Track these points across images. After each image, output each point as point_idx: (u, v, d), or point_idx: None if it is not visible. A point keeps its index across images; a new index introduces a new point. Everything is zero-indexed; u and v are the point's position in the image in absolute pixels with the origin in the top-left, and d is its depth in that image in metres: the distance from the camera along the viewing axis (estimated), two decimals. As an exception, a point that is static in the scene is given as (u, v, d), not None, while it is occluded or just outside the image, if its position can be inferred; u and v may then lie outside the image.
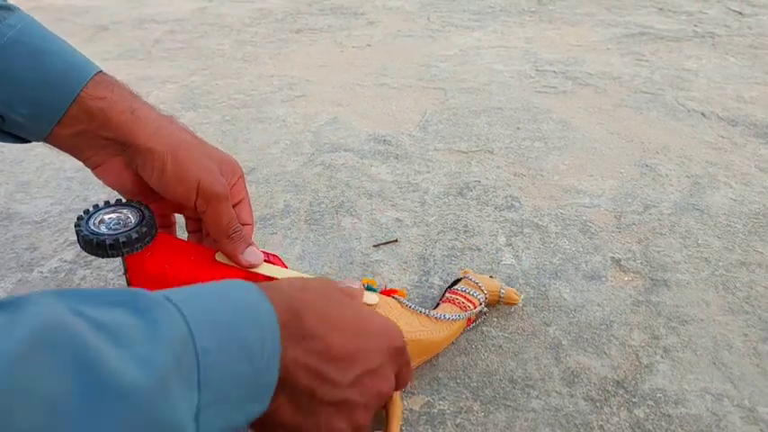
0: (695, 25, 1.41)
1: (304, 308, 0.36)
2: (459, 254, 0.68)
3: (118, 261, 0.68)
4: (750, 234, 0.71)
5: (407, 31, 1.43)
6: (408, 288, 0.63)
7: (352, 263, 0.67)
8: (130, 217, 0.49)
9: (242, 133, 0.96)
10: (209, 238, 0.53)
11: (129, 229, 0.47)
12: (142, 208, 0.50)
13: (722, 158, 0.86)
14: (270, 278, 0.51)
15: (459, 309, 0.55)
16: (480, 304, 0.56)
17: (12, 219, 0.75)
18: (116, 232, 0.47)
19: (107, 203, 0.51)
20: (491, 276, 0.59)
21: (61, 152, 0.50)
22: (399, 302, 0.54)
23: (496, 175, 0.83)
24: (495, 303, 0.59)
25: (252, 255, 0.51)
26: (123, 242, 0.46)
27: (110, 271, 0.66)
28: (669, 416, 0.49)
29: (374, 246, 0.69)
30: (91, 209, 0.50)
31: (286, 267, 0.53)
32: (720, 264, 0.66)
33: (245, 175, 0.83)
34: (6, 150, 0.90)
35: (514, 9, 1.57)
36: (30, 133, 0.47)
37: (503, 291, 0.58)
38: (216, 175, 0.49)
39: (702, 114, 0.99)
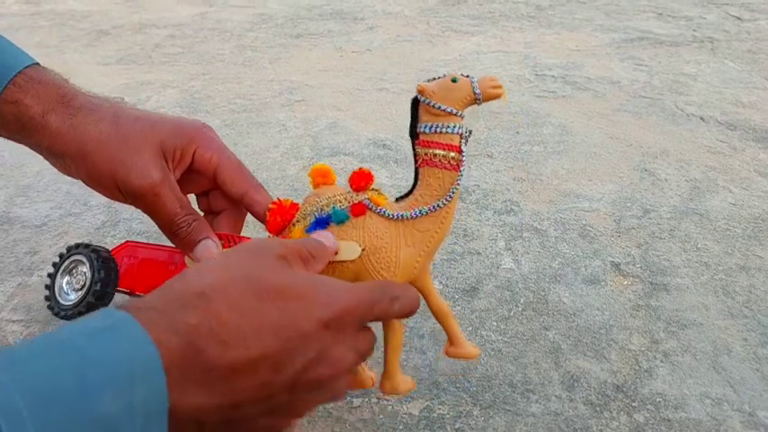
0: (694, 30, 1.41)
1: (203, 333, 0.29)
2: (458, 258, 0.68)
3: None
4: (749, 238, 0.71)
5: (407, 35, 1.44)
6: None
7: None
8: (85, 271, 0.49)
9: (242, 137, 0.96)
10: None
11: (91, 287, 0.47)
12: (90, 254, 0.49)
13: (721, 163, 0.86)
14: None
15: (441, 169, 0.42)
16: (463, 138, 0.42)
17: (12, 223, 0.75)
18: (83, 298, 0.47)
19: (55, 264, 0.51)
20: (453, 78, 0.42)
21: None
22: (382, 216, 0.43)
23: (496, 179, 0.83)
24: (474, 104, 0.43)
25: (203, 251, 0.45)
26: (96, 300, 0.46)
27: (109, 275, 0.66)
28: (669, 420, 0.49)
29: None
30: (47, 278, 0.50)
31: None
32: (720, 268, 0.66)
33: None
34: (7, 154, 0.90)
35: (514, 14, 1.58)
36: None
37: (476, 87, 0.42)
38: (134, 166, 0.43)
39: (701, 119, 0.99)
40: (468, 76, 0.42)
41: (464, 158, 0.43)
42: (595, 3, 1.64)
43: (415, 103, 0.43)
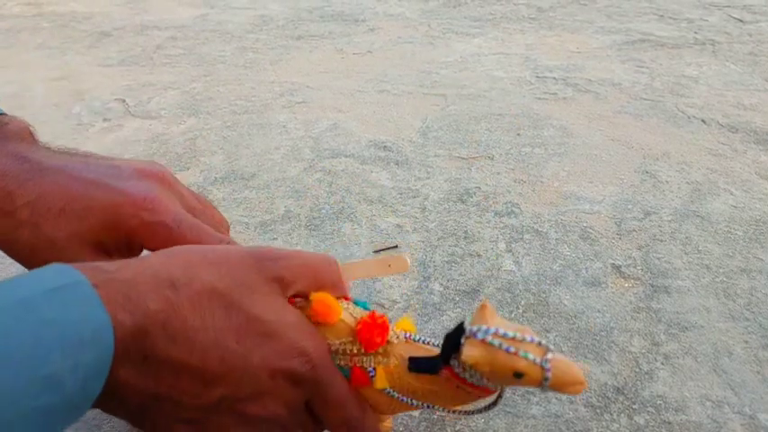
0: (695, 32, 1.41)
1: (158, 321, 0.29)
2: (459, 260, 0.68)
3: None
4: (750, 241, 0.71)
5: (408, 37, 1.44)
6: (408, 294, 0.63)
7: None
8: None
9: (243, 139, 0.96)
10: None
11: None
12: None
13: (722, 165, 0.86)
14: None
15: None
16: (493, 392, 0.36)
17: (12, 224, 0.75)
18: None
19: None
20: (516, 372, 0.32)
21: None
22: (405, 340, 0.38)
23: (497, 181, 0.83)
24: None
25: None
26: None
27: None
28: (669, 423, 0.49)
29: (374, 251, 0.69)
30: None
31: None
32: (721, 270, 0.66)
33: (248, 180, 0.83)
34: (8, 156, 0.90)
35: (515, 16, 1.58)
36: None
37: (547, 381, 0.32)
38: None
39: (703, 121, 0.99)
40: (543, 365, 0.32)
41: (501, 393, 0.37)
42: (596, 5, 1.64)
43: (459, 332, 0.34)
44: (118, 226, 0.37)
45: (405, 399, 0.37)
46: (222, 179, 0.84)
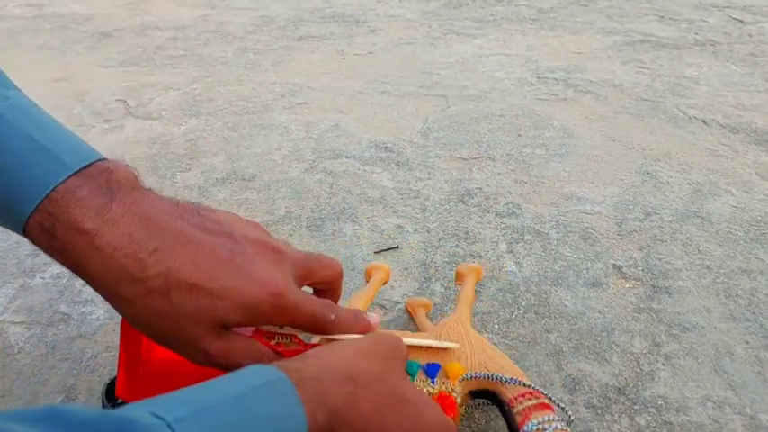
0: (696, 33, 1.41)
1: (343, 422, 0.31)
2: (460, 261, 0.68)
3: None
4: (751, 241, 0.71)
5: (409, 38, 1.44)
6: (409, 295, 0.63)
7: (353, 269, 0.67)
8: None
9: (244, 140, 0.96)
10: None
11: None
12: None
13: (723, 166, 0.86)
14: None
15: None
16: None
17: (14, 225, 0.75)
18: None
19: None
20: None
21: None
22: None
23: (497, 181, 0.83)
24: None
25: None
26: None
27: (111, 277, 0.67)
28: (671, 423, 0.49)
29: (375, 252, 0.70)
30: None
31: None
32: (722, 271, 0.66)
33: (249, 181, 0.84)
34: (9, 157, 0.90)
35: (515, 17, 1.58)
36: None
37: None
38: (190, 345, 0.37)
39: (703, 122, 0.99)
40: None
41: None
42: (597, 6, 1.64)
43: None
44: (249, 312, 0.37)
45: None
46: (223, 180, 0.85)
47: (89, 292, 0.64)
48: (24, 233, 0.36)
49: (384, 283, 0.60)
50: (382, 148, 0.93)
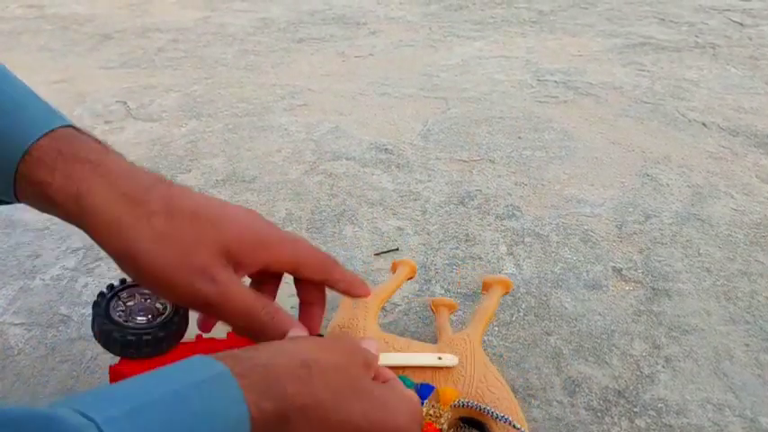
0: (696, 36, 1.41)
1: (296, 407, 0.30)
2: (460, 263, 0.68)
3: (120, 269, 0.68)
4: (751, 244, 0.71)
5: (409, 40, 1.44)
6: (409, 297, 0.63)
7: (353, 270, 0.67)
8: (160, 305, 0.43)
9: (244, 142, 0.96)
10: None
11: (161, 324, 0.41)
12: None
13: (723, 168, 0.86)
14: None
15: None
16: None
17: (14, 226, 0.75)
18: (144, 326, 0.40)
19: (123, 282, 0.44)
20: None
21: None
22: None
23: (498, 184, 0.83)
24: None
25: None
26: (157, 339, 0.40)
27: (112, 279, 0.67)
28: (671, 426, 0.49)
29: (375, 254, 0.70)
30: (109, 288, 0.43)
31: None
32: (722, 274, 0.66)
33: (249, 183, 0.84)
34: (9, 158, 0.90)
35: (516, 19, 1.58)
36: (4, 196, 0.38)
37: None
38: (194, 273, 0.36)
39: (703, 124, 0.99)
40: None
41: None
42: (597, 8, 1.65)
43: None
44: (251, 242, 0.38)
45: None
46: (223, 181, 0.85)
47: (89, 293, 0.64)
48: (16, 171, 0.35)
49: (410, 278, 0.59)
50: (382, 149, 0.93)
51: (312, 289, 0.43)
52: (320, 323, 0.44)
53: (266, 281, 0.42)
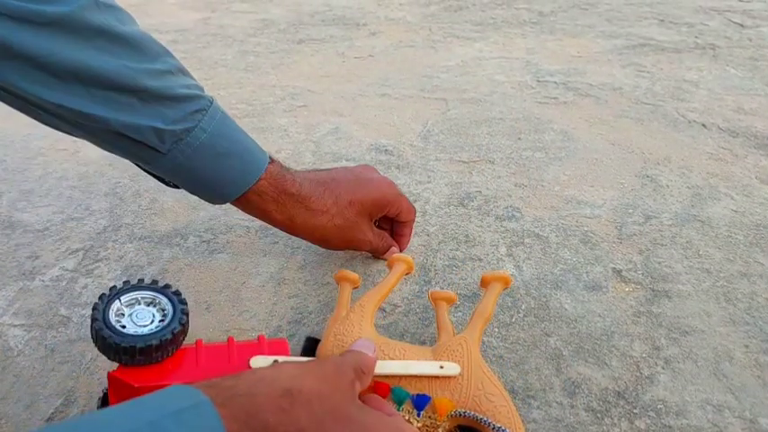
0: (696, 37, 1.41)
1: (280, 431, 0.31)
2: (460, 264, 0.68)
3: (120, 270, 0.68)
4: (751, 245, 0.71)
5: (409, 41, 1.44)
6: (409, 298, 0.63)
7: (353, 271, 0.67)
8: (160, 310, 0.43)
9: (244, 143, 0.96)
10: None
11: (157, 333, 0.41)
12: (172, 295, 0.44)
13: (723, 169, 0.86)
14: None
15: None
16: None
17: (14, 227, 0.75)
18: (140, 335, 0.40)
19: (126, 283, 0.44)
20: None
21: (64, 160, 0.50)
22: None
23: (497, 185, 0.83)
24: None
25: (389, 254, 0.66)
26: (152, 348, 0.40)
27: (111, 279, 0.67)
28: (670, 427, 0.49)
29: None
30: (111, 289, 0.44)
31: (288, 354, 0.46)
32: (721, 275, 0.66)
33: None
34: (9, 159, 0.90)
35: (516, 20, 1.58)
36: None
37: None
38: (360, 240, 0.63)
39: (703, 125, 0.99)
40: None
41: None
42: (597, 9, 1.65)
43: None
44: (381, 206, 0.63)
45: None
46: (223, 183, 0.85)
47: (88, 294, 0.64)
48: (246, 195, 0.55)
49: (407, 274, 0.59)
50: (382, 150, 0.93)
51: (404, 226, 0.68)
52: (406, 245, 0.69)
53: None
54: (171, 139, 0.49)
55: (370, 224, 0.63)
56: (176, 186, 0.56)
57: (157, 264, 0.69)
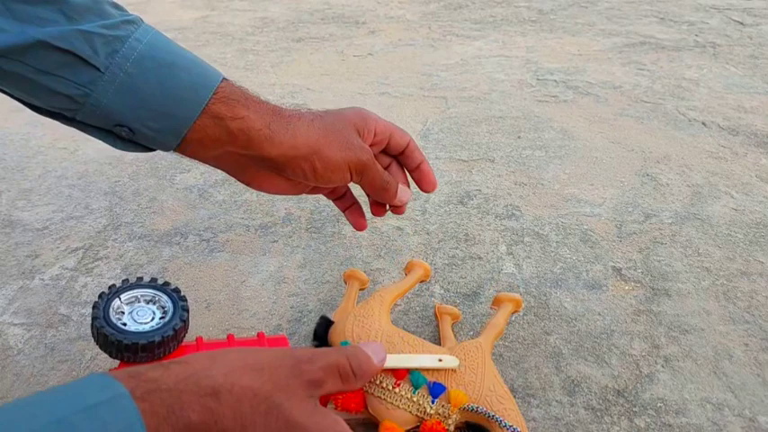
0: (696, 35, 1.41)
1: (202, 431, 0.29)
2: (459, 262, 0.68)
3: (119, 269, 0.68)
4: (751, 244, 0.71)
5: (409, 40, 1.44)
6: (409, 296, 0.63)
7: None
8: (160, 308, 0.43)
9: (243, 141, 0.96)
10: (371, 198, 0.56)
11: (158, 329, 0.41)
12: (172, 292, 0.44)
13: (723, 168, 0.86)
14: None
15: None
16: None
17: (13, 226, 0.75)
18: (141, 332, 0.41)
19: (125, 282, 0.44)
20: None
21: (63, 159, 0.49)
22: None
23: (497, 183, 0.83)
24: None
25: (402, 194, 0.55)
26: (154, 345, 0.40)
27: (111, 278, 0.67)
28: (670, 425, 0.49)
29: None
30: (111, 288, 0.44)
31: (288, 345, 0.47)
32: (721, 273, 0.66)
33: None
34: (8, 158, 0.90)
35: (516, 18, 1.58)
36: (159, 145, 0.47)
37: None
38: (357, 149, 0.51)
39: (703, 124, 0.99)
40: None
41: None
42: (597, 7, 1.65)
43: None
44: (363, 120, 0.53)
45: None
46: (223, 181, 0.85)
47: (88, 293, 0.64)
48: (203, 112, 0.45)
49: (422, 281, 0.60)
50: (382, 149, 0.93)
51: (409, 155, 0.56)
52: (430, 174, 0.57)
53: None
54: (104, 49, 0.42)
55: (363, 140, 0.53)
56: (148, 149, 0.48)
57: (157, 262, 0.69)
